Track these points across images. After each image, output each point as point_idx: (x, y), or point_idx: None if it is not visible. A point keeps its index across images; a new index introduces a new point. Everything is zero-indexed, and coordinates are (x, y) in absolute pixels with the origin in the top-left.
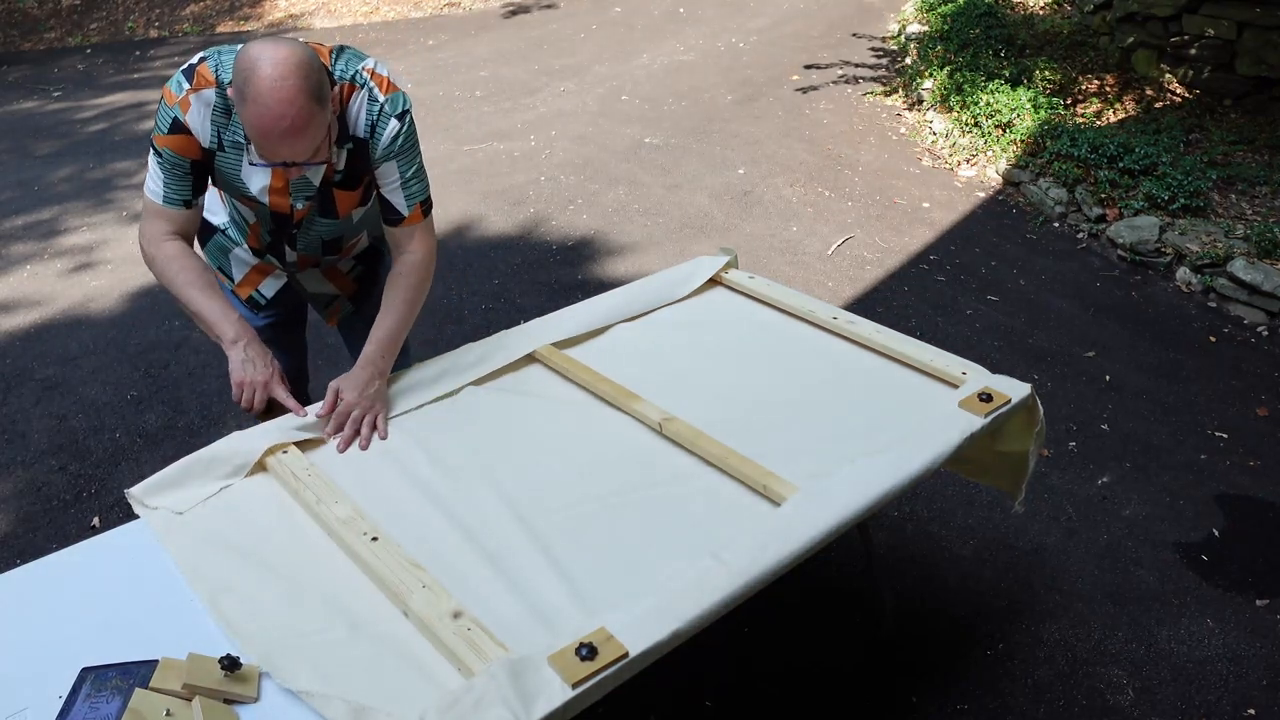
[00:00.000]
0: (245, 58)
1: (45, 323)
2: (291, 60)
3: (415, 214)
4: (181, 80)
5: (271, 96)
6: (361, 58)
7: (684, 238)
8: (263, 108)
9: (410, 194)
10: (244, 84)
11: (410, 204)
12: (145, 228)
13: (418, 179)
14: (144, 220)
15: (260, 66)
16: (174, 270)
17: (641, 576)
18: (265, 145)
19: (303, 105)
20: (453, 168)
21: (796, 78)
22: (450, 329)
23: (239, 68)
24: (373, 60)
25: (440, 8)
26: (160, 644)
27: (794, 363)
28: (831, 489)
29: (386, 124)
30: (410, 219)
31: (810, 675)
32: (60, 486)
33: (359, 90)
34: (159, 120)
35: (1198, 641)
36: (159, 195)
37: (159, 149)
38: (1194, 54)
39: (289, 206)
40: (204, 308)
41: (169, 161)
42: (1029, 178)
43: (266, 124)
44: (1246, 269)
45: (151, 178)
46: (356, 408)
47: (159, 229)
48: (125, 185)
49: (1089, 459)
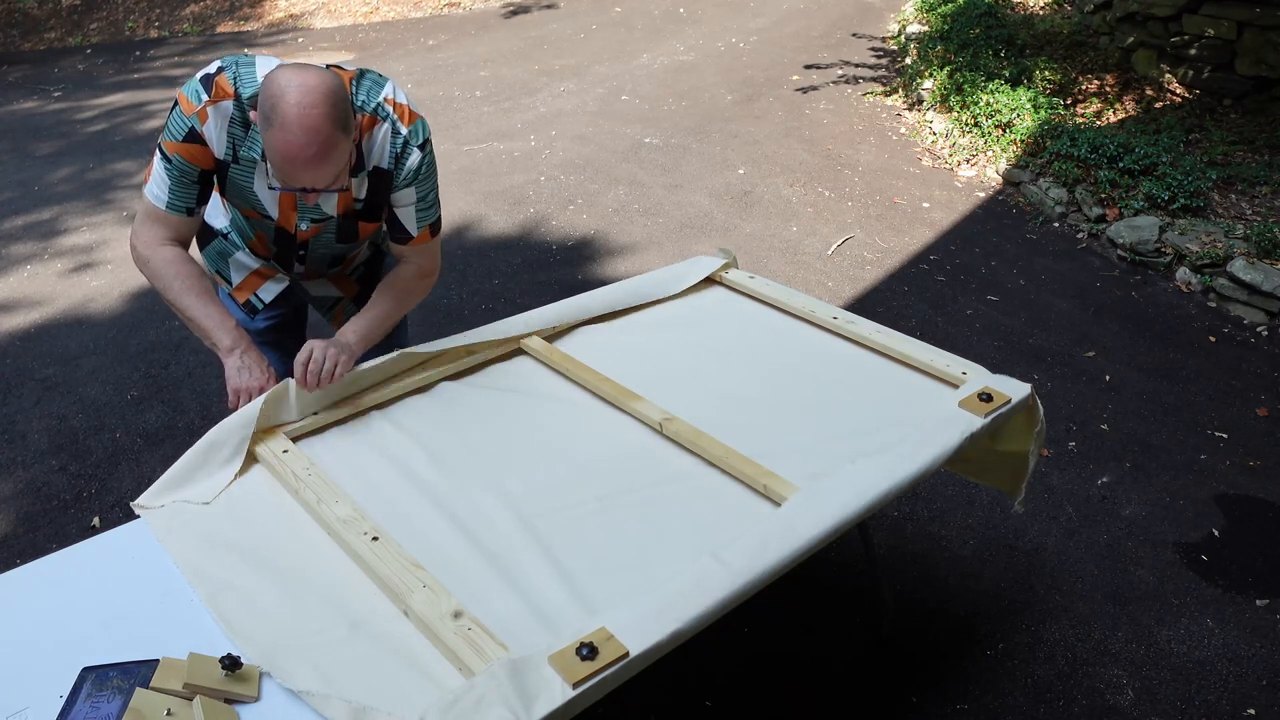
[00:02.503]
0: (274, 83)
1: (45, 323)
2: (320, 89)
3: (424, 235)
4: (200, 90)
5: (299, 124)
6: (381, 84)
7: (684, 238)
8: (289, 134)
9: (422, 217)
10: (271, 109)
11: (420, 226)
12: (141, 231)
13: (433, 203)
14: (140, 223)
15: (289, 93)
16: (170, 275)
17: (641, 576)
18: (288, 171)
19: (328, 134)
20: (453, 168)
21: (796, 78)
22: (450, 329)
23: (267, 92)
24: (391, 86)
25: (440, 8)
26: (161, 644)
27: (794, 363)
28: (831, 489)
29: (410, 154)
30: (418, 239)
31: (810, 675)
32: (60, 486)
33: (381, 122)
34: (171, 126)
35: (1198, 641)
36: (162, 200)
37: (168, 154)
38: (1194, 54)
39: (294, 225)
40: (200, 314)
41: (177, 168)
42: (1029, 178)
43: (292, 150)
44: (1246, 269)
45: (155, 182)
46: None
47: (157, 233)
48: (125, 185)
49: (1089, 459)
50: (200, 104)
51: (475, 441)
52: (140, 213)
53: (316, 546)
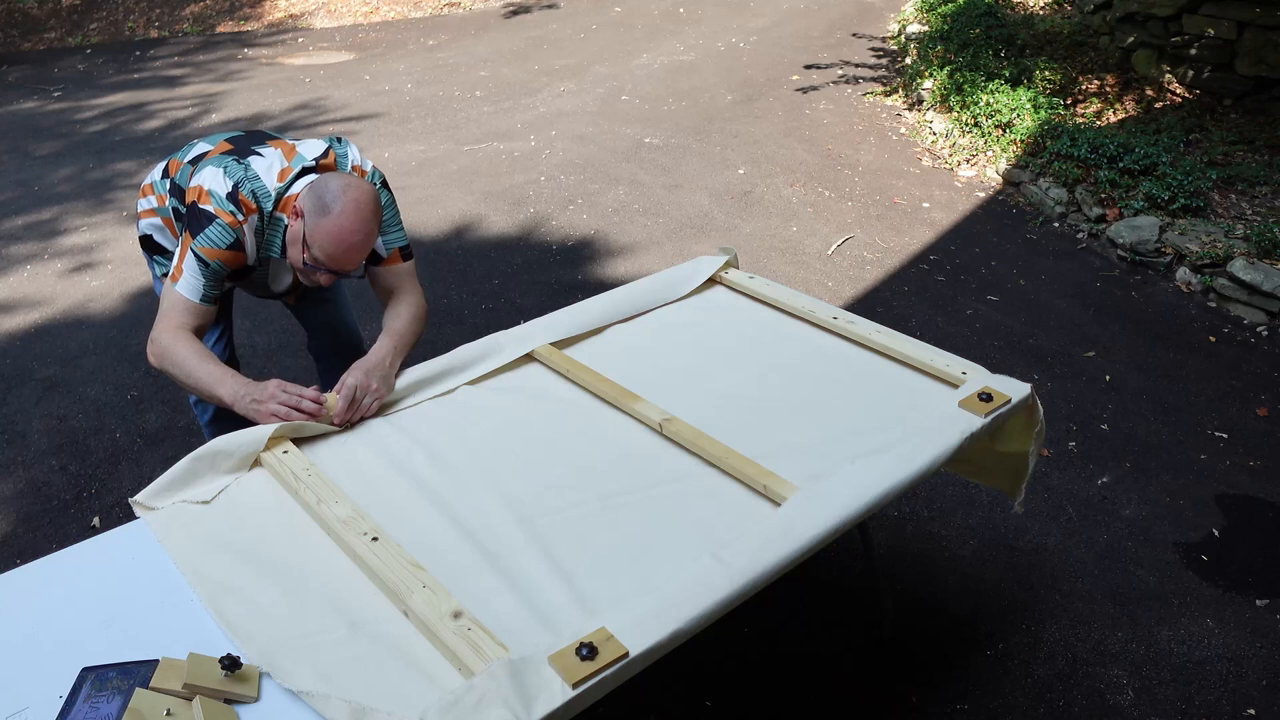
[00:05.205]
0: (329, 184)
1: (45, 323)
2: (371, 193)
3: (394, 256)
4: (235, 210)
5: (356, 217)
6: (348, 155)
7: (684, 238)
8: (346, 223)
9: (389, 240)
10: (332, 201)
11: (389, 248)
12: (169, 322)
13: (397, 227)
14: (169, 314)
15: (348, 191)
16: (186, 351)
17: (641, 576)
18: (336, 254)
19: (372, 229)
20: (453, 168)
21: (796, 78)
22: (450, 329)
23: (325, 188)
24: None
25: (440, 8)
26: (160, 644)
27: (794, 363)
28: (831, 489)
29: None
30: (389, 260)
31: (810, 675)
32: (60, 486)
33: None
34: (213, 236)
35: (1198, 641)
36: (197, 294)
37: (206, 259)
38: (1194, 54)
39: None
40: (207, 375)
41: (215, 270)
42: (1029, 178)
43: (346, 237)
44: (1246, 269)
45: (189, 280)
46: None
47: (185, 323)
48: (125, 185)
49: (1089, 459)
50: (242, 218)
51: (475, 442)
52: (166, 306)
53: (316, 547)
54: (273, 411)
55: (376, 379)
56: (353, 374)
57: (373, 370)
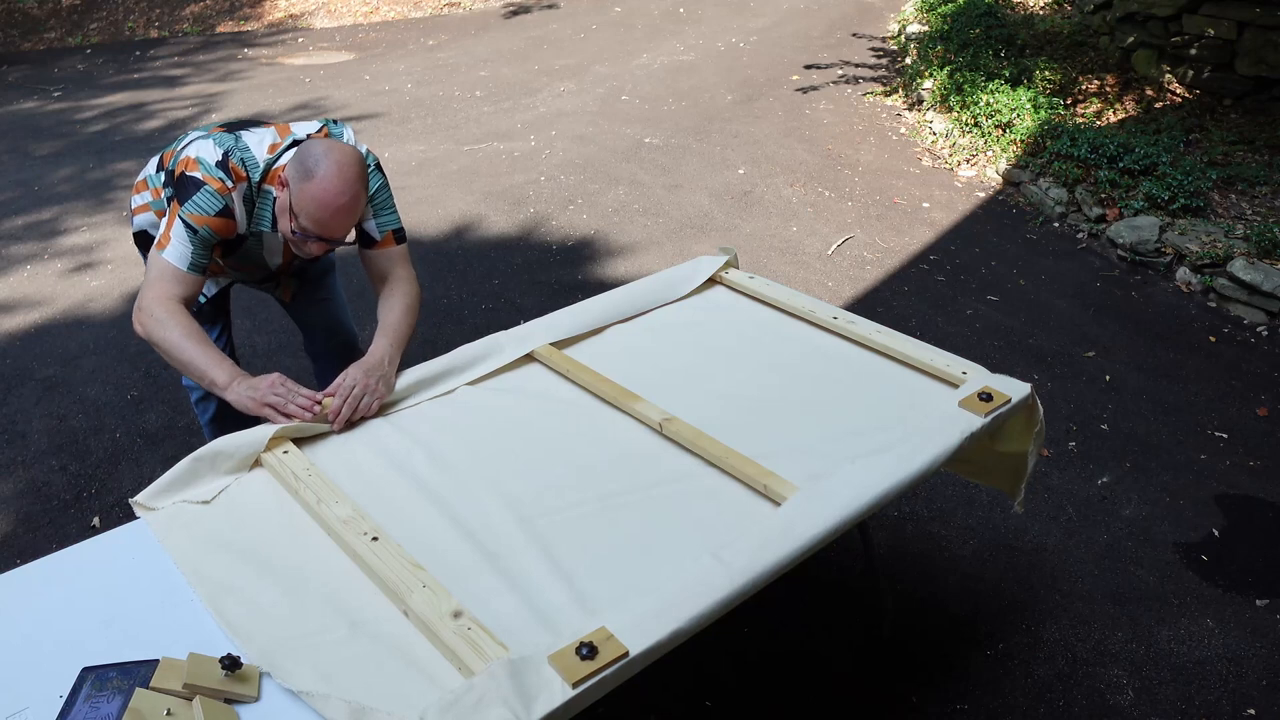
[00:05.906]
0: (312, 148)
1: (45, 323)
2: (354, 155)
3: (387, 239)
4: (223, 176)
5: (338, 177)
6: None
7: (684, 238)
8: (329, 184)
9: (382, 222)
10: (314, 165)
11: (382, 230)
12: (156, 290)
13: (390, 210)
14: (155, 283)
15: (331, 153)
16: (173, 324)
17: (641, 576)
18: (321, 218)
19: (358, 191)
20: (453, 168)
21: (796, 78)
22: (450, 329)
23: (307, 154)
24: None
25: (440, 8)
26: (160, 644)
27: (794, 362)
28: (831, 489)
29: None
30: (383, 243)
31: (810, 675)
32: (60, 486)
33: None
34: (201, 202)
35: (1198, 641)
36: (185, 261)
37: (194, 226)
38: (1194, 54)
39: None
40: (198, 356)
41: (202, 237)
42: (1029, 178)
43: (330, 199)
44: (1246, 269)
45: (176, 247)
46: (358, 384)
47: (171, 291)
48: (125, 185)
49: (1089, 459)
50: (231, 185)
51: (474, 442)
52: (153, 275)
53: (316, 547)
54: (267, 402)
55: (376, 379)
56: (351, 374)
57: (372, 370)
